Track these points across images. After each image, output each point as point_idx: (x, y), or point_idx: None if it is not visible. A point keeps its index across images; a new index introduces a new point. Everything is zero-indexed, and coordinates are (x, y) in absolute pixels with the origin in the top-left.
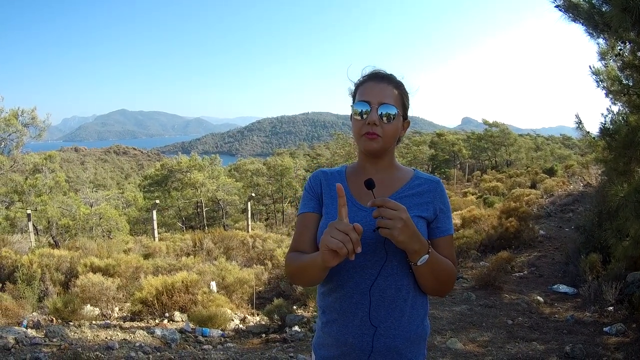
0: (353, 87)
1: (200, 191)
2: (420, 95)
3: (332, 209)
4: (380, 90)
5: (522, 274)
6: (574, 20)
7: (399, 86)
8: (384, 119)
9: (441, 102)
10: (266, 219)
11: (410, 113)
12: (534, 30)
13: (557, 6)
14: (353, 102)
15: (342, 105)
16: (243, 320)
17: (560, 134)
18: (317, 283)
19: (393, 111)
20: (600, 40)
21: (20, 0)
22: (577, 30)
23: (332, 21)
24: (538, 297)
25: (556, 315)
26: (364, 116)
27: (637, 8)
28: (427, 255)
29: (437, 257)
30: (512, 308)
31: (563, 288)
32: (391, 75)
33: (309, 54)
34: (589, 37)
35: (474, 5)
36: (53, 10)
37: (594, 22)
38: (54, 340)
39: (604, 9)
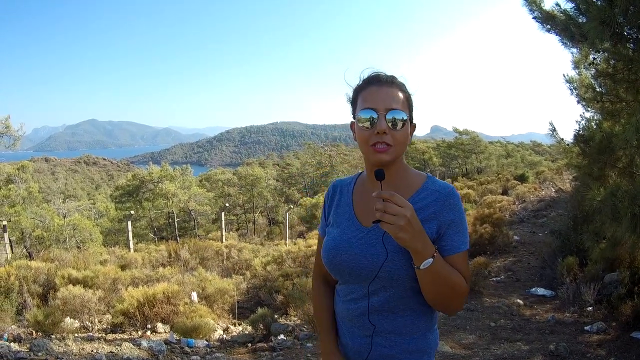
0: (351, 94)
1: (172, 201)
2: None
3: (334, 228)
4: (385, 95)
5: (499, 278)
6: (549, 30)
7: (403, 88)
8: (394, 126)
9: None
10: (237, 229)
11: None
12: (504, 39)
13: (534, 17)
14: (354, 110)
15: (310, 115)
16: (226, 330)
17: (531, 141)
18: None
19: (402, 116)
20: (574, 50)
21: None
22: (550, 39)
23: (300, 29)
24: (518, 300)
25: (537, 317)
26: (372, 125)
27: (614, 21)
28: (430, 259)
29: (443, 266)
30: (493, 311)
31: (541, 291)
32: (393, 77)
33: (278, 63)
34: (563, 46)
35: (435, 8)
36: (22, 19)
37: (570, 33)
38: (39, 354)
39: (580, 21)
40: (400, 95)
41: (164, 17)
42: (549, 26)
